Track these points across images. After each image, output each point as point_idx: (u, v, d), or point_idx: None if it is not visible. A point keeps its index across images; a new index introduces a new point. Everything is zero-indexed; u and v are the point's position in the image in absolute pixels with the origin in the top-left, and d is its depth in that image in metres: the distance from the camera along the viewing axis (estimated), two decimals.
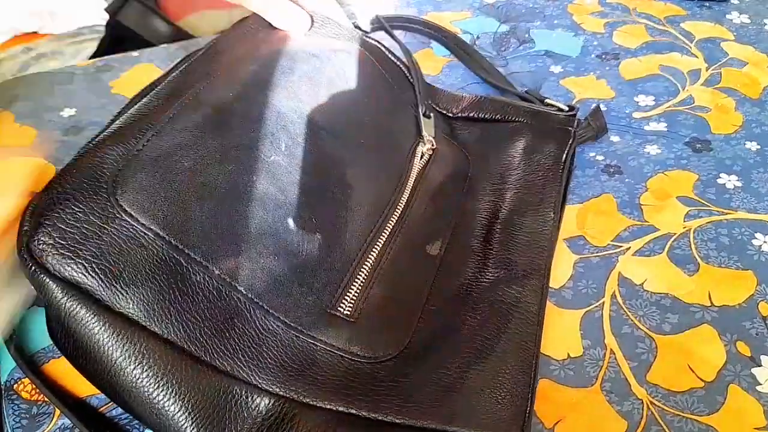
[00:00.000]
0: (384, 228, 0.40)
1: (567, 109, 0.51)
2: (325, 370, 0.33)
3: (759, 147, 0.53)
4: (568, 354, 0.39)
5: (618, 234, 0.46)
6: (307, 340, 0.34)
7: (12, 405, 0.37)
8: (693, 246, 0.45)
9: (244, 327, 0.32)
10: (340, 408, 0.32)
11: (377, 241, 0.39)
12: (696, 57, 0.63)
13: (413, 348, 0.36)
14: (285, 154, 0.38)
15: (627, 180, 0.50)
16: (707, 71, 0.61)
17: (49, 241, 0.30)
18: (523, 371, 0.36)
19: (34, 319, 0.41)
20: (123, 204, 0.32)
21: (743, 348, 0.39)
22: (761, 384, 0.37)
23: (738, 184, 0.49)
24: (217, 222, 0.34)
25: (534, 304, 0.39)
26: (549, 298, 0.42)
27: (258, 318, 0.33)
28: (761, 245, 0.45)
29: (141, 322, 0.30)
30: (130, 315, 0.30)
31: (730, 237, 0.45)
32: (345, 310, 0.36)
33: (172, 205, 0.33)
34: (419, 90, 0.50)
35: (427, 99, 0.50)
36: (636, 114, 0.56)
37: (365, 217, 0.40)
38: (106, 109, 0.58)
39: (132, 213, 0.32)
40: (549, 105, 0.52)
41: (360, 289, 0.37)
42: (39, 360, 0.39)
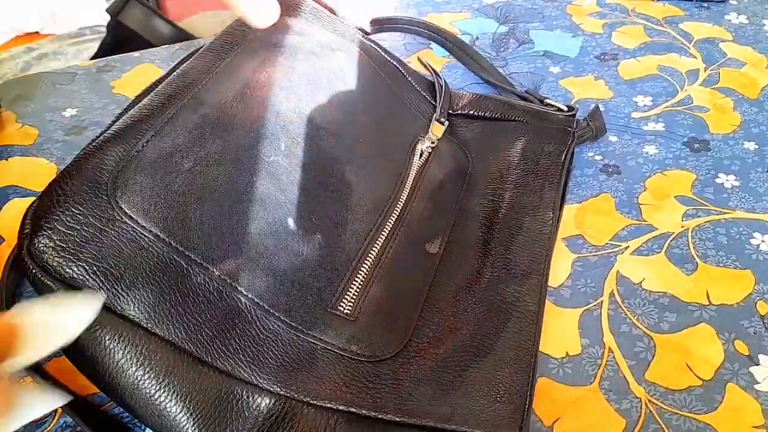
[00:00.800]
0: (384, 227, 0.40)
1: (566, 110, 0.52)
2: (326, 369, 0.34)
3: (757, 147, 0.53)
4: (566, 352, 0.39)
5: (616, 233, 0.46)
6: (308, 339, 0.34)
7: None
8: (691, 245, 0.45)
9: (244, 327, 0.33)
10: (340, 407, 0.32)
11: (377, 240, 0.40)
12: (694, 57, 0.63)
13: (413, 346, 0.36)
14: (285, 154, 0.38)
15: (625, 180, 0.50)
16: (706, 71, 0.61)
17: (50, 244, 0.30)
18: (522, 369, 0.36)
19: None
20: (123, 206, 0.32)
21: (741, 347, 0.39)
22: (759, 383, 0.37)
23: (736, 183, 0.50)
24: (217, 223, 0.34)
25: (533, 303, 0.39)
26: (548, 297, 0.42)
27: (259, 318, 0.33)
28: (759, 244, 0.45)
29: (142, 323, 0.30)
30: (131, 317, 0.30)
31: (728, 236, 0.46)
32: (345, 309, 0.36)
33: (171, 207, 0.33)
34: (441, 97, 0.50)
35: (448, 107, 0.51)
36: (634, 114, 0.57)
37: (365, 216, 0.40)
38: (107, 109, 0.58)
39: (132, 215, 0.32)
40: (549, 105, 0.52)
41: (360, 288, 0.37)
42: (41, 359, 0.39)
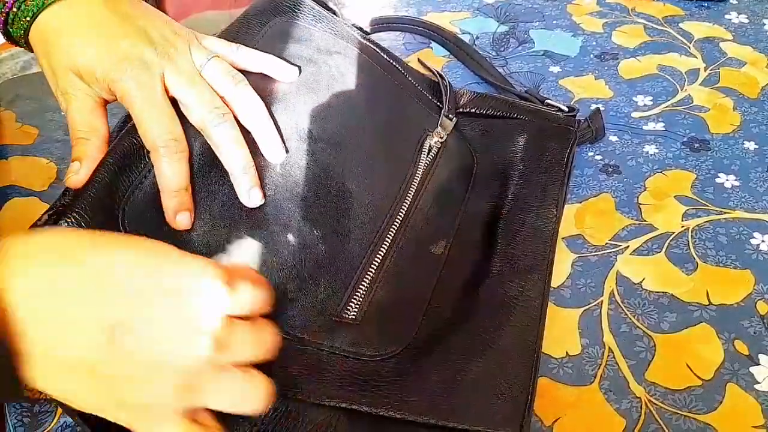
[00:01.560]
0: (388, 231, 0.41)
1: (567, 110, 0.52)
2: (331, 370, 0.34)
3: (757, 146, 0.53)
4: (566, 352, 0.39)
5: (616, 233, 0.46)
6: (313, 347, 0.35)
7: (14, 403, 0.37)
8: (691, 245, 0.45)
9: None
10: (342, 404, 0.33)
11: (381, 246, 0.40)
12: (694, 57, 0.63)
13: (416, 345, 0.37)
14: (280, 174, 0.38)
15: (625, 179, 0.50)
16: (706, 71, 0.61)
17: None
18: (524, 366, 0.36)
19: None
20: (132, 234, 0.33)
21: (741, 347, 0.39)
22: (759, 383, 0.37)
23: (736, 183, 0.50)
24: (217, 246, 0.35)
25: (536, 299, 0.39)
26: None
27: None
28: (759, 244, 0.45)
29: None
30: None
31: (728, 236, 0.46)
32: (350, 314, 0.36)
33: (173, 236, 0.34)
34: (447, 94, 0.50)
35: (454, 104, 0.51)
36: (634, 114, 0.57)
37: (368, 223, 0.40)
38: (107, 109, 0.58)
39: None
40: (549, 105, 0.52)
41: (364, 294, 0.38)
42: None
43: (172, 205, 0.35)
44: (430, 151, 0.46)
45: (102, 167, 0.34)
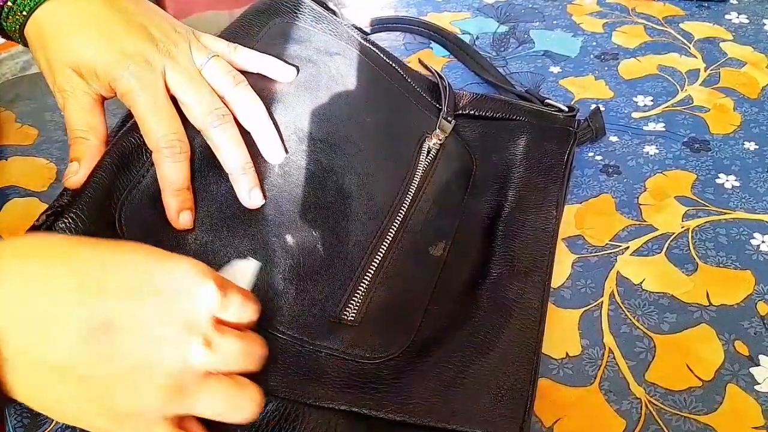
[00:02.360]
0: (387, 233, 0.40)
1: (567, 110, 0.51)
2: (330, 372, 0.34)
3: (757, 147, 0.53)
4: (566, 353, 0.39)
5: (616, 234, 0.46)
6: (313, 348, 0.35)
7: (14, 403, 0.37)
8: (691, 246, 0.45)
9: None
10: (342, 407, 0.33)
11: (380, 248, 0.40)
12: (695, 57, 0.63)
13: (416, 347, 0.37)
14: (279, 175, 0.38)
15: (626, 180, 0.50)
16: (706, 71, 0.61)
17: None
18: (524, 367, 0.36)
19: None
20: (129, 237, 0.33)
21: (741, 347, 0.39)
22: (759, 383, 0.37)
23: (736, 183, 0.50)
24: (214, 248, 0.35)
25: (536, 300, 0.39)
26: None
27: (262, 332, 0.33)
28: (759, 245, 0.45)
29: None
30: None
31: (728, 237, 0.46)
32: (349, 316, 0.36)
33: (171, 238, 0.34)
34: (447, 96, 0.50)
35: (453, 106, 0.51)
36: (635, 114, 0.57)
37: (367, 224, 0.40)
38: (107, 109, 0.58)
39: None
40: (549, 105, 0.52)
41: (363, 295, 0.37)
42: None
43: (174, 205, 0.35)
44: (429, 153, 0.46)
45: (100, 167, 0.34)
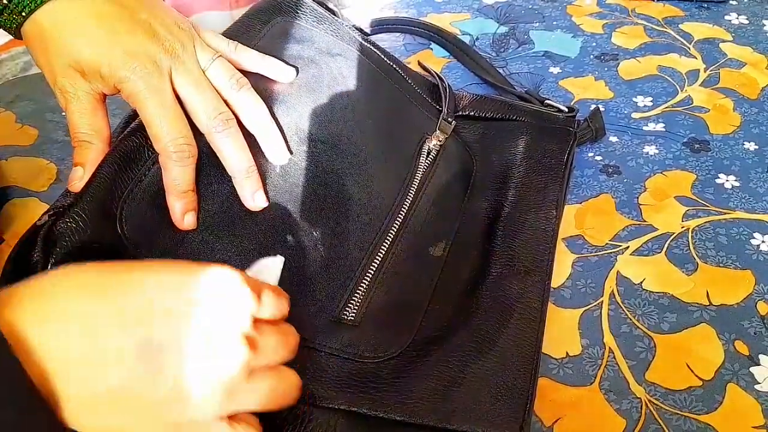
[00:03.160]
0: (387, 233, 0.41)
1: (566, 111, 0.52)
2: (330, 372, 0.34)
3: (757, 147, 0.53)
4: (566, 353, 0.39)
5: (617, 233, 0.46)
6: (313, 347, 0.35)
7: None
8: (691, 245, 0.45)
9: None
10: (342, 406, 0.33)
11: (380, 248, 0.40)
12: (694, 58, 0.63)
13: (416, 346, 0.37)
14: (280, 175, 0.38)
15: (626, 180, 0.50)
16: (706, 72, 0.61)
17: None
18: (524, 367, 0.36)
19: None
20: (129, 236, 0.33)
21: (741, 347, 0.39)
22: (760, 383, 0.37)
23: (736, 184, 0.50)
24: (215, 250, 0.35)
25: (536, 300, 0.39)
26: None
27: None
28: (759, 245, 0.45)
29: None
30: None
31: (728, 237, 0.46)
32: (349, 315, 0.36)
33: (172, 238, 0.34)
34: (447, 97, 0.50)
35: (453, 107, 0.51)
36: (635, 114, 0.57)
37: (367, 225, 0.40)
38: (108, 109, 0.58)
39: (137, 247, 0.33)
40: (549, 106, 0.52)
41: (363, 295, 0.38)
42: None
43: (179, 207, 0.35)
44: (429, 154, 0.46)
45: (102, 167, 0.34)
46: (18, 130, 0.56)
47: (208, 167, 0.36)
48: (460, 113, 0.51)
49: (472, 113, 0.51)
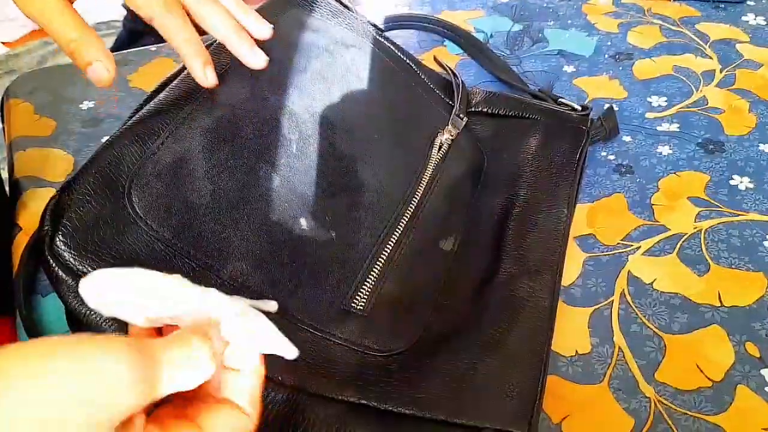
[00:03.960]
0: (398, 224, 0.41)
1: (580, 109, 0.51)
2: (339, 363, 0.34)
3: None
4: (576, 351, 0.39)
5: (628, 233, 0.46)
6: (322, 336, 0.34)
7: None
8: (704, 246, 0.45)
9: None
10: (351, 399, 0.33)
11: (391, 238, 0.40)
12: (710, 58, 0.62)
13: (425, 341, 0.37)
14: (296, 155, 0.38)
15: (638, 180, 0.50)
16: (721, 73, 0.61)
17: (71, 243, 0.30)
18: (533, 365, 0.36)
19: (53, 320, 0.42)
20: (139, 210, 0.33)
21: (752, 349, 0.39)
22: None
23: (750, 185, 0.49)
24: (228, 228, 0.35)
25: (545, 299, 0.39)
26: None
27: (272, 317, 0.33)
28: None
29: None
30: None
31: (741, 238, 0.45)
32: (358, 305, 0.36)
33: (184, 213, 0.34)
34: (459, 93, 0.50)
35: (466, 103, 0.51)
36: (649, 114, 0.56)
37: (379, 213, 0.40)
38: (123, 102, 0.59)
39: (147, 220, 0.33)
40: (562, 104, 0.52)
41: (373, 285, 0.37)
42: None
43: (198, 65, 0.35)
44: (440, 148, 0.46)
45: (112, 143, 0.34)
46: (36, 121, 0.57)
47: (220, 143, 0.36)
48: (473, 109, 0.51)
49: (485, 110, 0.51)
